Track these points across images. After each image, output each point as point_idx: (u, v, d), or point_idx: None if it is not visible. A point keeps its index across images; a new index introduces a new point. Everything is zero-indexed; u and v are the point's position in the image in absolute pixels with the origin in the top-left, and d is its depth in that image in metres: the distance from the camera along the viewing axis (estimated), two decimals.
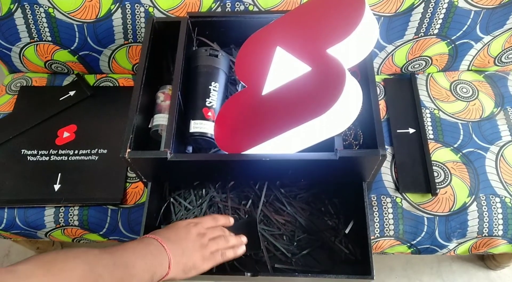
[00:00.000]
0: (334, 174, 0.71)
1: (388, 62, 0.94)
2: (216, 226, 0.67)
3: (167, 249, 0.57)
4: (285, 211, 0.77)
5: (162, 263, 0.56)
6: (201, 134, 0.73)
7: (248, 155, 0.64)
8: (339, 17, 0.62)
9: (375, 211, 0.81)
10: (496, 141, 0.86)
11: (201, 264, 0.61)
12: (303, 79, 0.62)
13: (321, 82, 0.59)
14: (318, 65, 0.61)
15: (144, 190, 0.84)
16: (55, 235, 0.86)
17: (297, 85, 0.62)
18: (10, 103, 0.96)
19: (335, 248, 0.74)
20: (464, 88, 0.93)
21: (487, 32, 0.88)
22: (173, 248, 0.58)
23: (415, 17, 0.85)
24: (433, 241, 0.80)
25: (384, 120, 0.90)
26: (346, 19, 0.61)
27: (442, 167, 0.83)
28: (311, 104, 0.58)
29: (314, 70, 0.61)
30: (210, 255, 0.62)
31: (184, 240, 0.61)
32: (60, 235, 0.86)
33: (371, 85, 0.67)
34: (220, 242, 0.64)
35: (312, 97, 0.59)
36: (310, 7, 0.67)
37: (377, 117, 0.64)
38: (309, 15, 0.66)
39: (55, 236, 0.87)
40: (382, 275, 1.20)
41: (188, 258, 0.60)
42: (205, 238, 0.63)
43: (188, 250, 0.60)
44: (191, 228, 0.63)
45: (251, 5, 0.85)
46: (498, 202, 0.80)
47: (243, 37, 0.74)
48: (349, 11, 0.61)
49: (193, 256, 0.60)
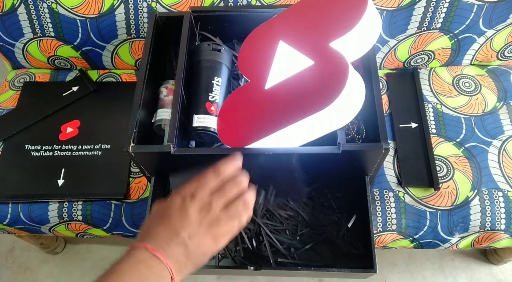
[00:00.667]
0: (336, 168, 0.71)
1: (391, 56, 0.94)
2: (222, 183, 0.52)
3: (162, 258, 0.46)
4: (288, 206, 0.77)
5: (161, 277, 0.45)
6: (204, 128, 0.73)
7: (251, 148, 0.64)
8: (342, 10, 0.62)
9: (378, 205, 0.81)
10: (499, 135, 0.86)
11: (214, 246, 0.49)
12: (306, 73, 0.62)
13: (324, 76, 0.59)
14: (321, 59, 0.61)
15: (148, 185, 0.85)
16: (59, 230, 0.87)
17: (300, 79, 0.62)
18: (14, 99, 0.97)
19: (337, 242, 0.75)
20: (466, 83, 0.93)
21: (490, 26, 0.88)
22: (171, 252, 0.47)
23: (417, 11, 0.85)
24: (435, 235, 0.80)
25: (386, 115, 0.90)
26: (349, 13, 0.61)
27: (445, 161, 0.83)
28: (314, 98, 0.58)
29: (317, 64, 0.61)
30: (224, 230, 0.49)
31: (183, 229, 0.47)
32: (64, 230, 0.87)
33: (374, 79, 0.67)
34: (233, 208, 0.50)
35: (315, 91, 0.59)
36: (312, 1, 0.67)
37: (380, 112, 0.64)
38: (312, 9, 0.66)
39: (59, 231, 0.87)
40: (385, 270, 1.21)
41: (195, 252, 0.48)
42: (211, 212, 0.49)
43: (193, 242, 0.47)
44: (188, 207, 0.49)
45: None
46: (501, 196, 0.80)
47: (246, 31, 0.74)
48: (352, 4, 0.61)
49: (201, 245, 0.48)
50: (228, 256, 0.74)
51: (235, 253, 0.74)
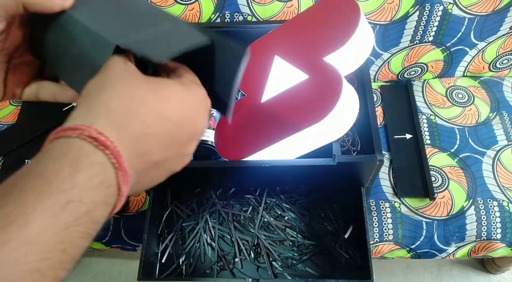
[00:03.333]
0: (332, 180, 0.72)
1: (385, 69, 0.96)
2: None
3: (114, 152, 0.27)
4: (285, 217, 0.78)
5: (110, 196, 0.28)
6: (201, 141, 0.74)
7: (248, 161, 0.65)
8: (335, 26, 0.64)
9: (374, 216, 0.82)
10: (493, 145, 0.87)
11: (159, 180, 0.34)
12: (301, 87, 0.63)
13: (319, 90, 0.61)
14: (315, 73, 0.62)
15: (146, 198, 0.86)
16: None
17: (295, 92, 0.64)
18: (14, 114, 0.98)
19: (335, 253, 0.75)
20: (459, 94, 0.95)
21: (481, 39, 0.90)
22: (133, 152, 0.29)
23: (410, 25, 0.87)
24: (432, 245, 0.81)
25: (381, 127, 0.91)
26: (342, 28, 0.63)
27: (440, 171, 0.84)
28: (309, 111, 0.60)
29: (311, 78, 0.63)
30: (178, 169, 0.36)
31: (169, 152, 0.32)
32: None
33: (367, 92, 0.68)
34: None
35: (310, 104, 0.60)
36: (306, 17, 0.69)
37: (374, 124, 0.65)
38: (306, 25, 0.68)
39: None
40: (383, 280, 1.21)
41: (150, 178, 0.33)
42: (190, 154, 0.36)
43: (161, 167, 0.33)
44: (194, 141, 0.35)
45: (249, 15, 0.87)
46: (496, 206, 0.81)
47: None
48: (345, 20, 0.63)
49: (159, 176, 0.34)
50: (226, 268, 0.74)
51: (233, 265, 0.75)
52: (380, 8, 0.84)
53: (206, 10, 0.86)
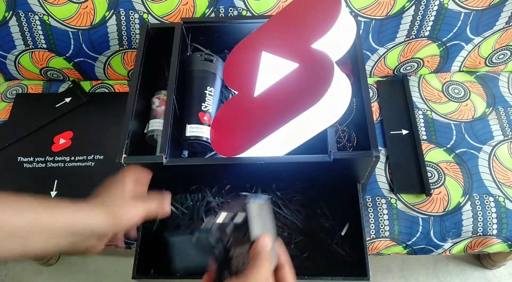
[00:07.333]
0: (328, 176, 0.72)
1: (381, 64, 0.95)
2: None
3: None
4: (282, 214, 0.78)
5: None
6: (196, 138, 0.73)
7: (243, 158, 0.65)
8: (319, 13, 0.66)
9: (370, 212, 0.81)
10: (489, 140, 0.87)
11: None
12: (292, 75, 0.64)
13: (311, 74, 0.61)
14: (305, 59, 0.63)
15: None
16: None
17: (287, 81, 0.64)
18: (6, 111, 0.97)
19: (331, 250, 0.75)
20: (456, 89, 0.94)
21: (477, 34, 0.90)
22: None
23: (406, 19, 0.86)
24: (428, 241, 0.81)
25: (377, 122, 0.91)
26: (326, 15, 0.64)
27: (436, 167, 0.84)
28: (303, 97, 0.60)
29: (302, 65, 0.63)
30: None
31: None
32: None
33: (363, 87, 0.67)
34: None
35: (304, 90, 0.61)
36: (290, 10, 0.70)
37: (370, 119, 0.65)
38: (291, 17, 0.69)
39: None
40: (379, 276, 1.21)
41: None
42: None
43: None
44: None
45: (244, 10, 0.86)
46: (492, 201, 0.81)
47: (237, 42, 0.74)
48: (327, 7, 0.65)
49: None
50: None
51: None
52: (376, 3, 0.84)
53: (200, 4, 0.85)
